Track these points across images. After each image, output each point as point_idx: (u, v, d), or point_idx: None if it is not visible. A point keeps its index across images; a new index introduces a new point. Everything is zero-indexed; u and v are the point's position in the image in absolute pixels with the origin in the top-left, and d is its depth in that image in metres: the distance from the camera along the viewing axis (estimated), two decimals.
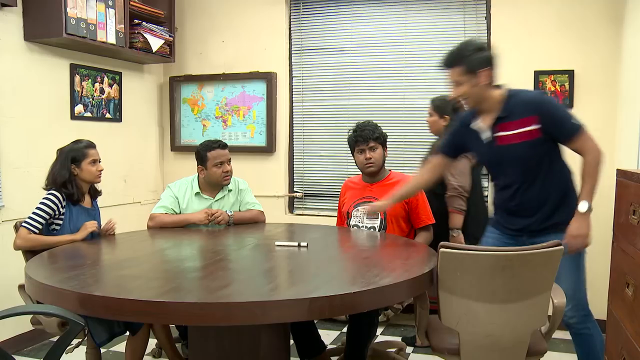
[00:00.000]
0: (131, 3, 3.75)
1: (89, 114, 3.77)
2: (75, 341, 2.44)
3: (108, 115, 3.94)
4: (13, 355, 1.63)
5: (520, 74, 3.65)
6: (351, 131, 3.03)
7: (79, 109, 3.70)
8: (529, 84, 3.63)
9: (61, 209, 2.61)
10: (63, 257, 2.34)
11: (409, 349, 3.27)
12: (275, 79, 4.20)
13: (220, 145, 3.03)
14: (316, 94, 4.22)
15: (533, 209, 2.36)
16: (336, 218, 3.21)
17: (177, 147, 4.49)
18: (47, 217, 2.57)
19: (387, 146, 3.04)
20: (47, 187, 2.66)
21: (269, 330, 2.14)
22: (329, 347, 3.00)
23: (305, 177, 4.30)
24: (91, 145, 2.74)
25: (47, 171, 2.69)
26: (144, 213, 3.45)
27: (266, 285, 1.95)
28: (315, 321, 3.07)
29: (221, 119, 4.37)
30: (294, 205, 4.33)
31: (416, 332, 2.19)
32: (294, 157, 4.30)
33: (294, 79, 4.25)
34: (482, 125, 2.38)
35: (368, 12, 4.05)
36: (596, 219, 3.38)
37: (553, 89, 3.59)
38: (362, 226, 2.96)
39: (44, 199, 2.59)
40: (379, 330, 3.60)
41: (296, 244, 2.43)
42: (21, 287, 2.19)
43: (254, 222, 3.12)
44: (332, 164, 4.22)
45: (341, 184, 3.24)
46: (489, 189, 3.45)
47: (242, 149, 4.24)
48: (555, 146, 2.34)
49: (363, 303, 1.77)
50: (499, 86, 2.36)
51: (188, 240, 2.77)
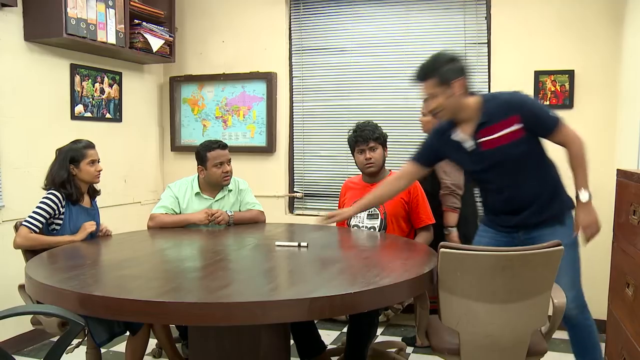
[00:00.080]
0: (131, 3, 3.75)
1: (89, 114, 3.77)
2: (75, 341, 2.44)
3: (108, 116, 3.94)
4: (13, 355, 1.63)
5: (521, 74, 3.65)
6: (351, 131, 3.03)
7: (79, 109, 3.70)
8: (529, 84, 3.62)
9: (61, 209, 2.62)
10: (63, 257, 2.34)
11: (409, 349, 3.27)
12: (276, 79, 4.20)
13: (220, 145, 3.03)
14: (316, 94, 4.22)
15: (526, 206, 2.37)
16: None
17: (177, 147, 4.49)
18: (47, 216, 2.57)
19: (388, 146, 3.05)
20: (47, 187, 2.66)
21: (269, 330, 2.14)
22: (329, 347, 3.00)
23: (305, 177, 4.30)
24: (90, 146, 2.74)
25: (47, 171, 2.70)
26: (144, 213, 3.45)
27: (266, 285, 1.95)
28: (316, 321, 3.07)
29: (221, 119, 4.37)
30: (294, 206, 4.33)
31: (416, 332, 2.19)
32: (294, 157, 4.30)
33: (294, 79, 4.25)
34: (462, 135, 2.38)
35: (368, 12, 4.05)
36: None
37: (553, 89, 3.59)
38: (362, 226, 2.96)
39: (44, 198, 2.59)
40: (379, 330, 3.60)
41: (296, 244, 2.43)
42: (21, 287, 2.19)
43: (254, 222, 3.12)
44: (332, 164, 4.22)
45: (341, 184, 3.25)
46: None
47: (242, 149, 4.24)
48: (539, 142, 2.37)
49: (363, 303, 1.77)
50: (472, 93, 2.37)
51: (188, 241, 2.77)
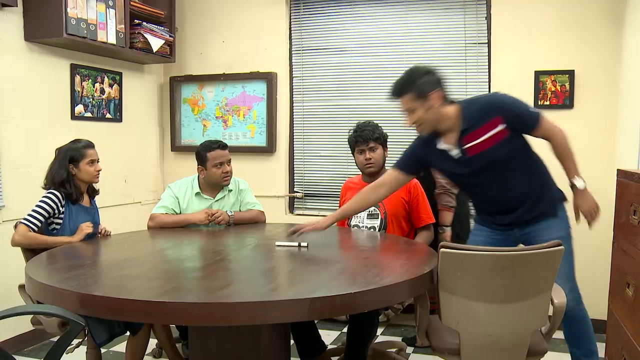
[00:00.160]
0: (131, 3, 3.75)
1: (89, 114, 3.77)
2: (75, 341, 2.44)
3: (108, 116, 3.94)
4: (13, 355, 1.63)
5: (521, 74, 3.65)
6: (352, 131, 3.03)
7: (79, 109, 3.70)
8: (529, 84, 3.62)
9: (60, 208, 2.62)
10: (63, 257, 2.34)
11: (409, 349, 3.27)
12: (276, 79, 4.20)
13: (220, 145, 3.03)
14: (316, 94, 4.22)
15: (518, 204, 2.38)
16: None
17: (177, 147, 4.49)
18: (47, 215, 2.57)
19: (388, 146, 3.04)
20: (46, 187, 2.66)
21: (270, 330, 2.14)
22: (329, 347, 3.00)
23: (305, 177, 4.30)
24: (90, 145, 2.74)
25: (46, 171, 2.70)
26: (144, 213, 3.45)
27: (266, 285, 1.95)
28: (316, 321, 3.07)
29: (221, 119, 4.37)
30: (294, 206, 4.33)
31: (416, 332, 2.19)
32: (294, 157, 4.30)
33: (294, 79, 4.25)
34: (446, 145, 2.38)
35: (368, 12, 4.05)
36: None
37: (553, 89, 3.59)
38: (362, 226, 2.96)
39: (44, 197, 2.60)
40: (379, 330, 3.60)
41: (296, 244, 2.43)
42: (21, 287, 2.19)
43: (254, 222, 3.12)
44: (332, 164, 4.22)
45: (341, 184, 3.24)
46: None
47: (242, 149, 4.24)
48: (523, 139, 2.38)
49: (363, 303, 1.77)
50: (451, 101, 2.37)
51: (188, 241, 2.77)
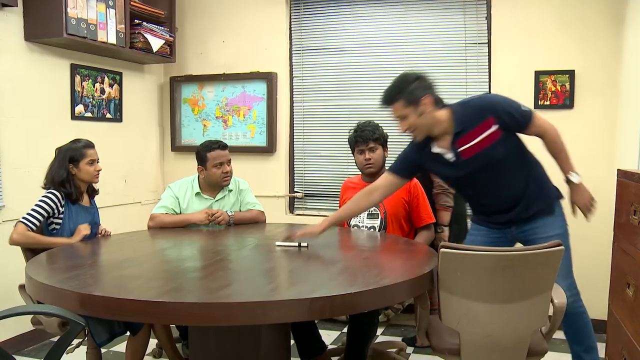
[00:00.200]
0: (131, 3, 3.75)
1: (89, 114, 3.77)
2: (75, 341, 2.44)
3: (108, 116, 3.94)
4: (14, 355, 1.63)
5: (521, 74, 3.65)
6: (352, 131, 3.03)
7: (79, 109, 3.70)
8: (529, 84, 3.62)
9: (60, 208, 2.62)
10: (63, 257, 2.34)
11: (409, 349, 3.27)
12: (276, 79, 4.20)
13: (220, 145, 3.03)
14: (317, 94, 4.22)
15: (514, 203, 2.39)
16: None
17: (177, 147, 4.49)
18: (46, 214, 2.57)
19: (388, 146, 3.04)
20: (46, 186, 2.66)
21: (270, 330, 2.14)
22: (329, 347, 3.00)
23: (305, 177, 4.30)
24: (90, 145, 2.74)
25: (46, 170, 2.70)
26: (145, 213, 3.45)
27: (266, 285, 1.95)
28: (316, 321, 3.07)
29: (221, 119, 4.37)
30: (295, 206, 4.33)
31: (416, 332, 2.19)
32: (295, 157, 4.30)
33: (294, 79, 4.25)
34: (441, 149, 2.38)
35: (369, 12, 4.05)
36: (596, 219, 3.40)
37: (554, 89, 3.58)
38: (362, 226, 2.96)
39: (43, 197, 2.60)
40: (380, 331, 3.59)
41: (296, 244, 2.43)
42: (21, 287, 2.19)
43: (255, 222, 3.12)
44: (332, 164, 4.22)
45: (341, 184, 3.24)
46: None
47: (242, 149, 4.24)
48: (517, 138, 2.39)
49: (363, 303, 1.77)
50: (444, 105, 2.37)
51: (188, 241, 2.77)
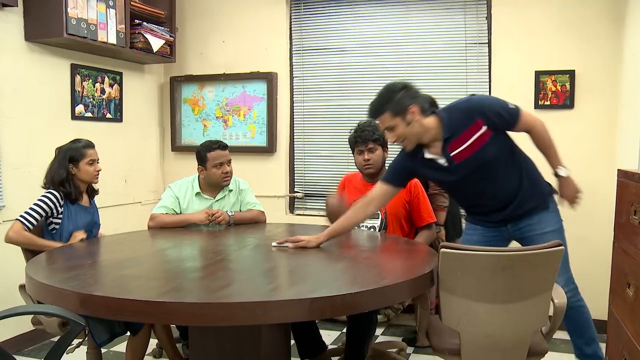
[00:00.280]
0: (132, 3, 3.75)
1: (89, 114, 3.77)
2: (76, 341, 2.44)
3: (109, 116, 3.94)
4: (14, 355, 1.63)
5: (521, 74, 3.65)
6: (352, 131, 3.02)
7: (79, 109, 3.70)
8: (529, 84, 3.62)
9: (59, 208, 2.61)
10: (63, 257, 2.34)
11: (409, 349, 3.27)
12: (276, 79, 4.20)
13: (220, 146, 3.03)
14: (317, 94, 4.21)
15: (509, 201, 2.40)
16: None
17: (177, 147, 4.49)
18: (44, 214, 2.57)
19: (388, 147, 3.03)
20: (45, 186, 2.66)
21: (270, 330, 2.14)
22: (329, 347, 3.00)
23: (305, 178, 4.30)
24: (90, 145, 2.74)
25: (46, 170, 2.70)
26: (145, 213, 3.45)
27: (267, 285, 1.95)
28: (316, 321, 3.06)
29: (222, 119, 4.37)
30: (295, 206, 4.32)
31: (417, 332, 2.19)
32: (295, 157, 4.30)
33: (294, 79, 4.25)
34: (432, 156, 2.38)
35: (369, 12, 4.04)
36: (597, 219, 3.40)
37: (554, 89, 3.58)
38: (363, 226, 2.95)
39: (42, 196, 2.60)
40: (380, 331, 3.59)
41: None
42: (22, 287, 2.19)
43: (255, 222, 3.12)
44: (332, 164, 4.21)
45: None
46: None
47: (242, 149, 4.24)
48: (507, 136, 2.39)
49: (363, 303, 1.77)
50: (433, 112, 2.37)
51: (188, 241, 2.77)
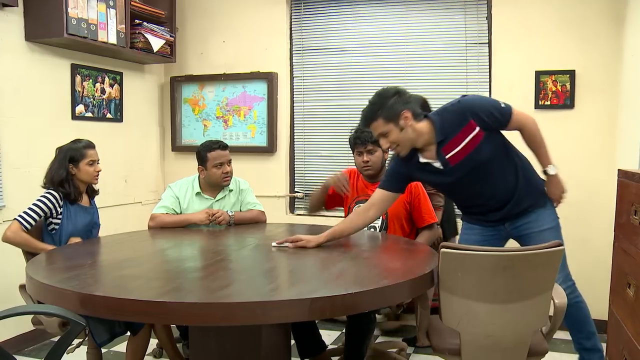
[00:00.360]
0: (132, 3, 3.75)
1: (89, 114, 3.77)
2: (76, 341, 2.44)
3: (109, 116, 3.94)
4: (14, 355, 1.63)
5: (521, 74, 3.65)
6: (353, 131, 3.02)
7: (79, 109, 3.70)
8: (530, 84, 3.62)
9: (58, 209, 2.61)
10: (63, 257, 2.34)
11: (409, 349, 3.27)
12: (276, 79, 4.20)
13: (220, 146, 3.03)
14: (317, 94, 4.21)
15: (506, 200, 2.40)
16: (338, 216, 3.19)
17: (177, 147, 4.49)
18: (42, 214, 2.57)
19: None
20: (45, 186, 2.66)
21: (270, 330, 2.14)
22: (329, 347, 3.00)
23: (306, 177, 4.30)
24: (90, 146, 2.74)
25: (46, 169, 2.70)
26: (145, 213, 3.45)
27: (267, 285, 1.95)
28: (316, 321, 3.07)
29: (222, 119, 4.37)
30: (295, 206, 4.32)
31: (417, 332, 2.19)
32: (295, 157, 4.30)
33: (294, 79, 4.25)
34: (427, 159, 2.38)
35: (369, 12, 4.05)
36: (597, 219, 3.40)
37: (554, 89, 3.58)
38: None
39: (42, 196, 2.60)
40: (380, 331, 3.59)
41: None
42: (22, 287, 2.19)
43: (255, 222, 3.12)
44: (332, 164, 4.21)
45: None
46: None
47: (243, 149, 4.24)
48: (500, 135, 2.39)
49: (364, 303, 1.77)
50: (425, 116, 2.37)
51: (189, 241, 2.77)
